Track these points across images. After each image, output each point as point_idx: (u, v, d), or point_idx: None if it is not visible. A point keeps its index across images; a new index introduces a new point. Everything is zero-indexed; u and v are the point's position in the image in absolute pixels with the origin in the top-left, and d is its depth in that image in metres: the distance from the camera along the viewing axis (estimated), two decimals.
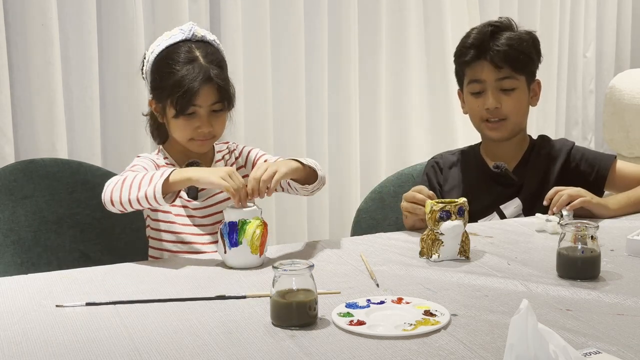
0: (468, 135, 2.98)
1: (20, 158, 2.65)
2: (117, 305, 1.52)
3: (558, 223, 1.94)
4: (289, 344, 1.33)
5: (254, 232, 1.74)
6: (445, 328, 1.38)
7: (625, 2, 4.15)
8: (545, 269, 1.70)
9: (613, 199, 2.14)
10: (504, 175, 2.21)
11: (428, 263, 1.77)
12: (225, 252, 1.76)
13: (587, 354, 1.24)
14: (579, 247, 1.64)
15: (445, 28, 3.54)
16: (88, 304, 1.52)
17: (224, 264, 1.77)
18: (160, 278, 1.71)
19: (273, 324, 1.41)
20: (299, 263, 1.43)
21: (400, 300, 1.50)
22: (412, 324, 1.39)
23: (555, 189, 2.06)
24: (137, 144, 2.85)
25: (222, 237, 1.76)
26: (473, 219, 2.06)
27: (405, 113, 3.54)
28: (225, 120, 2.08)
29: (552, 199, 2.04)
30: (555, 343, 1.11)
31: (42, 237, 2.15)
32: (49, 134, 2.74)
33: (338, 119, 3.38)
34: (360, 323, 1.39)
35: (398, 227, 2.16)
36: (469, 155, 2.31)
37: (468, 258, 1.79)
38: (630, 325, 1.39)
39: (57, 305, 1.52)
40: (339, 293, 1.57)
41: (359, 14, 3.36)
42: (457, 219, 1.75)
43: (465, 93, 2.25)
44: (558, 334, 1.14)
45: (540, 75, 2.29)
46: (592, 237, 1.64)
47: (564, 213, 2.00)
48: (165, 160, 2.09)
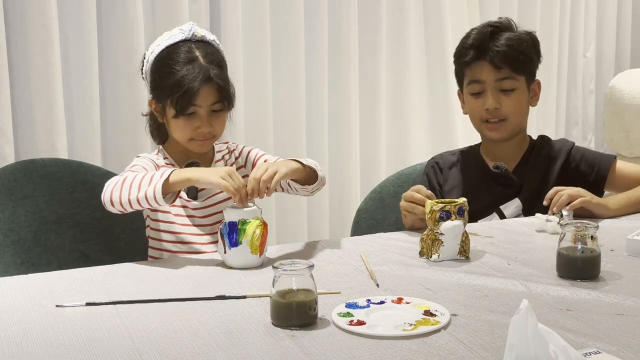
0: (468, 136, 2.98)
1: (20, 158, 2.65)
2: (117, 305, 1.52)
3: (558, 223, 1.94)
4: (289, 344, 1.33)
5: (254, 232, 1.74)
6: (445, 328, 1.38)
7: (625, 2, 4.15)
8: (545, 269, 1.70)
9: (613, 199, 2.14)
10: (504, 176, 2.21)
11: (428, 263, 1.77)
12: (225, 252, 1.76)
13: (587, 354, 1.24)
14: (579, 247, 1.64)
15: (445, 28, 3.54)
16: (88, 304, 1.52)
17: (224, 264, 1.77)
18: (160, 278, 1.71)
19: (273, 324, 1.41)
20: (299, 263, 1.42)
21: (400, 300, 1.50)
22: (412, 324, 1.39)
23: (555, 189, 2.06)
24: (137, 144, 2.85)
25: (222, 237, 1.76)
26: (473, 219, 2.06)
27: (405, 113, 3.54)
28: (225, 120, 2.08)
29: (552, 199, 2.04)
30: (555, 343, 1.11)
31: (42, 237, 2.15)
32: (49, 134, 2.74)
33: (338, 119, 3.38)
34: (360, 323, 1.39)
35: (398, 227, 2.16)
36: (469, 156, 2.31)
37: (468, 258, 1.79)
38: (630, 325, 1.39)
39: (57, 305, 1.52)
40: (339, 293, 1.57)
41: (359, 14, 3.36)
42: (457, 219, 1.75)
43: (465, 94, 2.25)
44: (558, 334, 1.14)
45: (540, 75, 2.29)
46: (592, 237, 1.64)
47: (564, 213, 2.00)
48: (165, 161, 2.09)
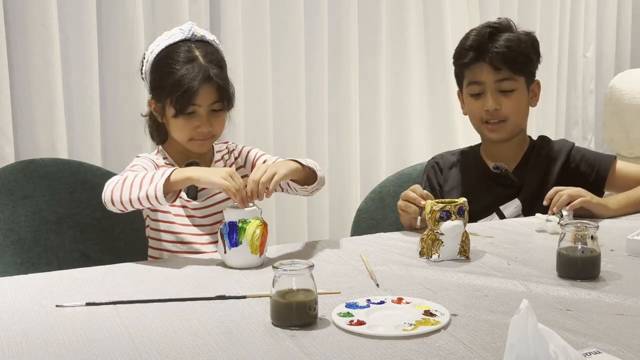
0: (468, 136, 2.98)
1: (20, 158, 2.65)
2: (117, 305, 1.52)
3: (558, 223, 1.94)
4: (289, 344, 1.33)
5: (254, 232, 1.74)
6: (445, 328, 1.38)
7: (625, 2, 4.15)
8: (545, 269, 1.70)
9: (613, 199, 2.14)
10: (504, 176, 2.21)
11: (428, 263, 1.77)
12: (225, 252, 1.76)
13: (587, 354, 1.24)
14: (579, 247, 1.64)
15: (445, 28, 3.54)
16: (88, 304, 1.52)
17: (224, 264, 1.77)
18: (160, 278, 1.71)
19: (273, 324, 1.41)
20: (299, 263, 1.42)
21: (400, 300, 1.50)
22: (412, 324, 1.39)
23: (555, 189, 2.06)
24: (137, 144, 2.85)
25: (222, 237, 1.76)
26: (473, 220, 2.06)
27: (405, 113, 3.54)
28: (225, 120, 2.08)
29: (552, 199, 2.04)
30: (555, 343, 1.11)
31: (42, 237, 2.15)
32: (49, 134, 2.74)
33: (338, 119, 3.38)
34: (360, 323, 1.39)
35: (398, 227, 2.16)
36: (469, 156, 2.31)
37: (468, 258, 1.79)
38: (630, 325, 1.39)
39: (57, 305, 1.52)
40: (339, 293, 1.57)
41: (359, 14, 3.36)
42: (457, 219, 1.75)
43: (465, 94, 2.25)
44: (558, 334, 1.14)
45: (540, 76, 2.29)
46: (592, 237, 1.64)
47: (564, 213, 2.00)
48: (165, 161, 2.09)
